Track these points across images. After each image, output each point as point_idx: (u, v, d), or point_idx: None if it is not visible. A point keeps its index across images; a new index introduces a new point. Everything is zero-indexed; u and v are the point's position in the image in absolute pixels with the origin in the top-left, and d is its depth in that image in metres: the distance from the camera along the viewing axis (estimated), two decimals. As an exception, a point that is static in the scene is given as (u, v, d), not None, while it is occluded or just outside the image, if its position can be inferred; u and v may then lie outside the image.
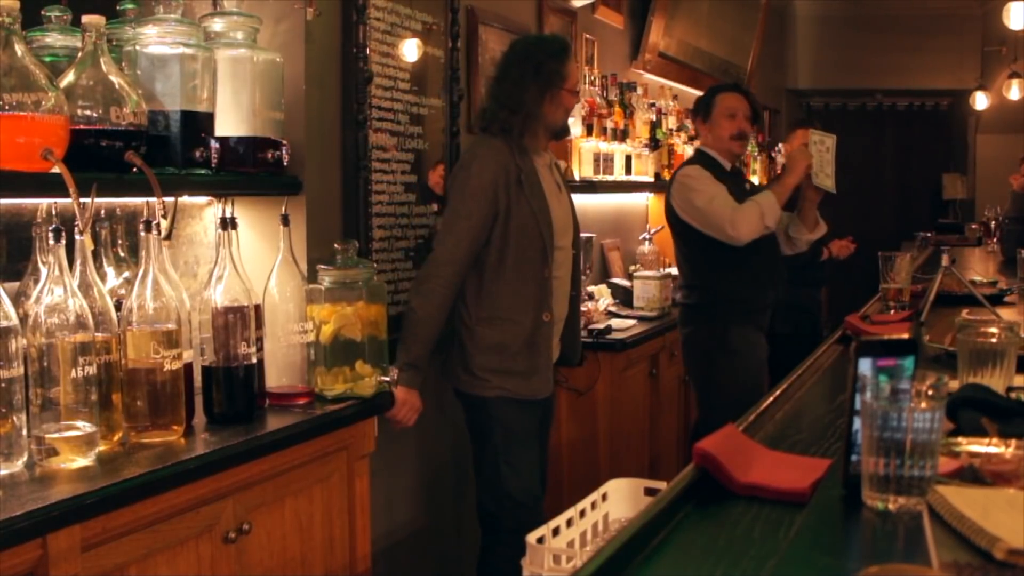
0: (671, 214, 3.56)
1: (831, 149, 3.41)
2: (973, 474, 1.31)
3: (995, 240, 6.51)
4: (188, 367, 2.00)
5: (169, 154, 2.09)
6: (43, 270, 1.81)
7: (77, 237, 1.80)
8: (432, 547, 3.30)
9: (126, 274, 2.09)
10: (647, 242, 4.83)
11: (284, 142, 2.36)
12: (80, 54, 1.94)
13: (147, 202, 1.97)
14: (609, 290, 4.35)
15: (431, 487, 3.31)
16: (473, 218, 2.68)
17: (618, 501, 2.26)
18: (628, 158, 4.40)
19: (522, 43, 2.96)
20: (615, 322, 3.82)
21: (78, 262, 1.80)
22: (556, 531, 2.06)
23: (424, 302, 2.66)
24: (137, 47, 2.10)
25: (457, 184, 2.76)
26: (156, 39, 2.10)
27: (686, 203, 3.45)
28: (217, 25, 2.28)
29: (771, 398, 1.86)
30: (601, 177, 4.13)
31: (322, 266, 2.39)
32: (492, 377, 2.74)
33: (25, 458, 1.68)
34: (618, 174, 4.30)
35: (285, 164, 2.37)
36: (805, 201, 3.48)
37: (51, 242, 1.74)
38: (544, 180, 2.82)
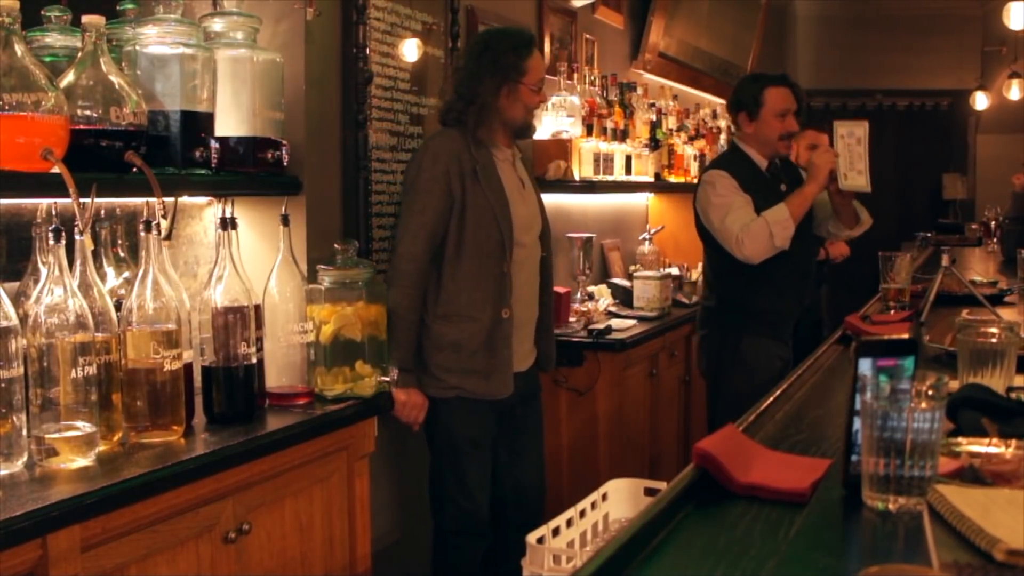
0: (695, 213, 3.42)
1: (862, 140, 3.11)
2: (973, 474, 1.31)
3: (995, 240, 6.51)
4: (188, 367, 2.00)
5: (169, 154, 2.10)
6: (43, 270, 1.81)
7: (77, 237, 1.80)
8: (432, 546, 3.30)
9: (126, 274, 2.09)
10: (647, 242, 4.82)
11: (284, 142, 2.36)
12: (80, 54, 1.95)
13: (147, 202, 1.97)
14: (609, 290, 4.34)
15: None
16: (427, 212, 2.64)
17: (618, 501, 2.26)
18: (628, 158, 4.39)
19: (484, 35, 2.90)
20: (615, 322, 3.82)
21: (78, 262, 1.80)
22: (556, 531, 2.06)
23: (393, 304, 2.60)
24: (137, 47, 2.10)
25: (409, 179, 2.72)
26: (156, 39, 2.10)
27: (704, 212, 3.32)
28: (217, 25, 2.28)
29: (771, 398, 1.86)
30: (601, 177, 4.12)
31: (322, 266, 2.39)
32: (449, 377, 2.70)
33: (25, 458, 1.68)
34: (618, 174, 4.29)
35: (285, 164, 2.37)
36: (836, 205, 3.29)
37: (51, 242, 1.74)
38: (504, 174, 2.75)
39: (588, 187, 4.03)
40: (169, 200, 1.99)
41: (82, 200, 1.79)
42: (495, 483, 2.85)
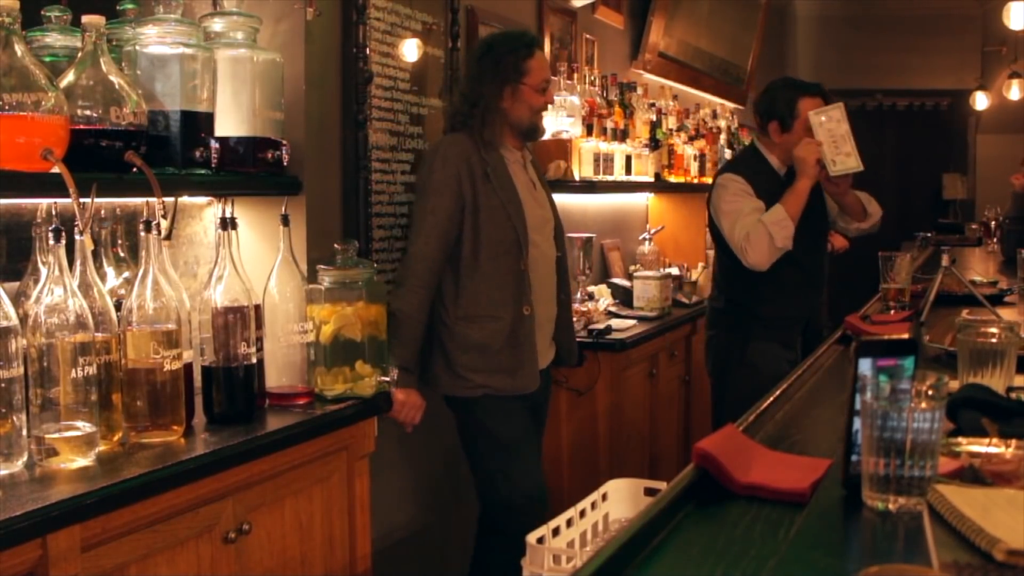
0: (709, 214, 3.38)
1: (841, 121, 3.06)
2: (973, 474, 1.31)
3: (995, 240, 6.51)
4: (188, 367, 2.00)
5: (169, 154, 2.10)
6: (43, 270, 1.81)
7: (77, 237, 1.80)
8: (432, 546, 3.30)
9: (126, 274, 2.09)
10: (647, 242, 4.82)
11: (284, 142, 2.36)
12: (80, 54, 1.95)
13: (147, 202, 1.97)
14: (609, 290, 4.34)
15: (431, 486, 3.31)
16: (438, 213, 2.66)
17: (618, 501, 2.26)
18: (628, 158, 4.39)
19: (487, 39, 2.94)
20: (615, 322, 3.82)
21: (78, 262, 1.80)
22: (556, 531, 2.06)
23: (402, 303, 2.63)
24: (137, 47, 2.10)
25: (420, 182, 2.76)
26: (156, 39, 2.10)
27: (716, 216, 3.28)
28: (217, 25, 2.28)
29: (771, 398, 1.86)
30: (601, 177, 4.12)
31: (322, 266, 2.39)
32: (476, 376, 2.72)
33: (25, 458, 1.68)
34: (618, 174, 4.29)
35: (285, 164, 2.37)
36: (834, 195, 3.24)
37: (51, 242, 1.74)
38: (516, 175, 2.79)
39: (588, 187, 4.02)
40: (169, 200, 1.99)
41: (82, 200, 1.79)
42: (496, 481, 2.84)
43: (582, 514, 2.15)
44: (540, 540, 2.02)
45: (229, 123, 2.26)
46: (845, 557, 1.16)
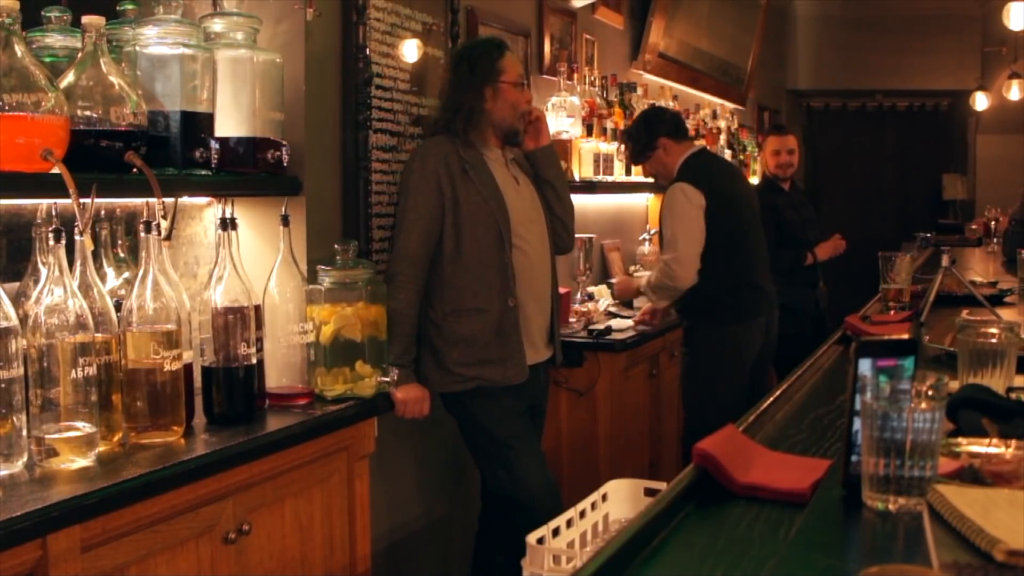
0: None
1: None
2: (973, 474, 1.31)
3: (995, 241, 6.51)
4: (188, 367, 2.00)
5: (169, 154, 2.10)
6: (43, 271, 1.81)
7: (77, 238, 1.80)
8: (432, 546, 3.30)
9: (126, 275, 2.09)
10: (647, 242, 4.82)
11: (284, 142, 2.36)
12: (80, 54, 1.95)
13: (147, 202, 1.97)
14: (609, 290, 4.34)
15: (431, 486, 3.31)
16: (419, 210, 2.69)
17: (618, 501, 2.26)
18: (628, 158, 4.39)
19: (457, 49, 3.04)
20: (615, 322, 3.82)
21: (78, 263, 1.80)
22: (556, 531, 2.06)
23: (390, 301, 2.61)
24: (137, 48, 2.10)
25: (402, 183, 2.80)
26: (156, 40, 2.10)
27: (665, 220, 3.76)
28: (217, 26, 2.28)
29: (771, 398, 1.86)
30: (601, 177, 4.12)
31: (322, 266, 2.39)
32: (466, 370, 2.73)
33: (25, 458, 1.68)
34: (618, 174, 4.29)
35: (285, 164, 2.37)
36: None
37: (51, 243, 1.74)
38: (496, 171, 2.81)
39: (588, 187, 4.02)
40: (169, 200, 1.99)
41: (82, 200, 1.79)
42: (499, 477, 2.83)
43: (582, 514, 2.15)
44: (540, 540, 2.02)
45: (229, 123, 2.26)
46: (845, 557, 1.16)
